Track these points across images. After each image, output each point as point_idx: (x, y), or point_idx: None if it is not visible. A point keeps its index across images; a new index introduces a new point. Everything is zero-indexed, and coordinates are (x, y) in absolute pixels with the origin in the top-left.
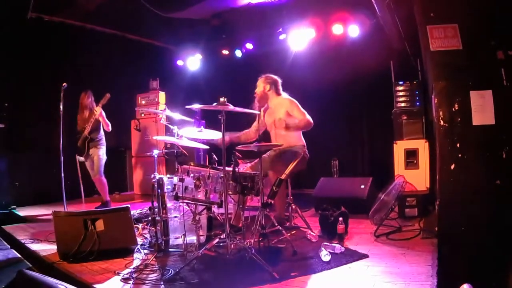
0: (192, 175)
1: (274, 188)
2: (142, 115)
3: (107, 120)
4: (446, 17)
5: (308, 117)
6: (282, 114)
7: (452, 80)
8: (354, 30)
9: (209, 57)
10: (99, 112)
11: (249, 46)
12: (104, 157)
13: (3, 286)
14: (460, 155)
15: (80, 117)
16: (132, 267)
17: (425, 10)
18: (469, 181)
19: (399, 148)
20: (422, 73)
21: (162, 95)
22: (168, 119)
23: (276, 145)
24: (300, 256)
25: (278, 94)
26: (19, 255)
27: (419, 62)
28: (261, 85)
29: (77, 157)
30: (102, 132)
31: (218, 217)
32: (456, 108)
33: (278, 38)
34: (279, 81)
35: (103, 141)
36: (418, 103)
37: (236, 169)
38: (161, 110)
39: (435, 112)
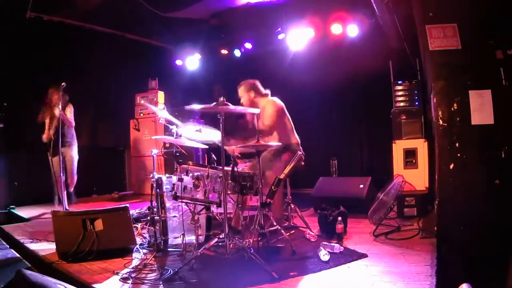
0: (191, 174)
1: (273, 187)
2: (141, 114)
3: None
4: (445, 16)
5: (267, 130)
6: (265, 119)
7: (451, 80)
8: (353, 30)
9: (208, 57)
10: (58, 113)
11: (248, 45)
12: (76, 157)
13: (2, 285)
14: (459, 155)
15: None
16: (131, 266)
17: (424, 9)
18: (468, 180)
19: (398, 147)
20: (421, 73)
21: (161, 95)
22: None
23: (275, 145)
24: (299, 255)
25: (262, 95)
26: (18, 255)
27: (418, 62)
28: (244, 95)
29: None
30: (73, 129)
31: (217, 217)
32: (455, 107)
33: (277, 37)
34: (257, 82)
35: (75, 140)
36: (417, 103)
37: (235, 169)
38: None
39: (434, 111)
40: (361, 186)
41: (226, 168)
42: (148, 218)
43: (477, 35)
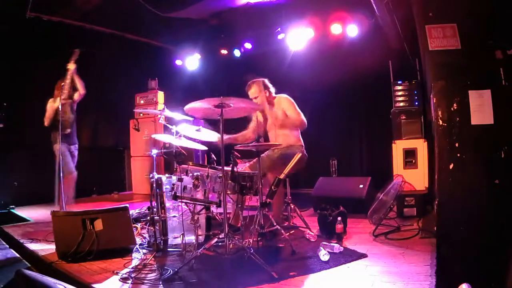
0: (190, 174)
1: (272, 187)
2: (141, 114)
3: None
4: (445, 16)
5: (303, 118)
6: (279, 114)
7: (450, 80)
8: (352, 30)
9: (208, 57)
10: (73, 68)
11: (248, 45)
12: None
13: (2, 285)
14: (458, 155)
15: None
16: (130, 266)
17: (423, 9)
18: (467, 180)
19: (398, 147)
20: (421, 73)
21: (160, 95)
22: (167, 118)
23: (275, 144)
24: (299, 255)
25: (272, 93)
26: (17, 255)
27: (418, 62)
28: (260, 95)
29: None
30: (75, 124)
31: (217, 217)
32: (455, 107)
33: (277, 37)
34: (266, 79)
35: (76, 137)
36: (416, 103)
37: (235, 169)
38: (159, 110)
39: (433, 111)
40: (361, 186)
41: (225, 168)
42: (148, 218)
43: (476, 35)
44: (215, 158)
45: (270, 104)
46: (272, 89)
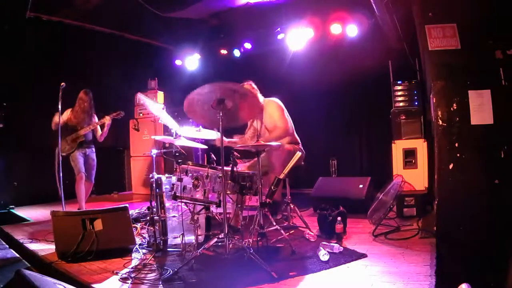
0: (190, 174)
1: (272, 187)
2: (141, 114)
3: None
4: (445, 16)
5: (288, 126)
6: (267, 120)
7: (450, 80)
8: (352, 30)
9: (208, 57)
10: (107, 122)
11: (248, 45)
12: None
13: (2, 285)
14: (458, 155)
15: (76, 114)
16: (130, 266)
17: (423, 9)
18: (467, 180)
19: (398, 147)
20: (421, 73)
21: (160, 95)
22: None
23: (275, 144)
24: (299, 255)
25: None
26: (17, 255)
27: (418, 62)
28: (254, 91)
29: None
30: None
31: (217, 217)
32: (455, 107)
33: (277, 37)
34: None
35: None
36: (416, 103)
37: (235, 169)
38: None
39: (433, 111)
40: (361, 186)
41: (225, 168)
42: (148, 218)
43: (476, 35)
44: (215, 158)
45: (260, 105)
46: (259, 95)
